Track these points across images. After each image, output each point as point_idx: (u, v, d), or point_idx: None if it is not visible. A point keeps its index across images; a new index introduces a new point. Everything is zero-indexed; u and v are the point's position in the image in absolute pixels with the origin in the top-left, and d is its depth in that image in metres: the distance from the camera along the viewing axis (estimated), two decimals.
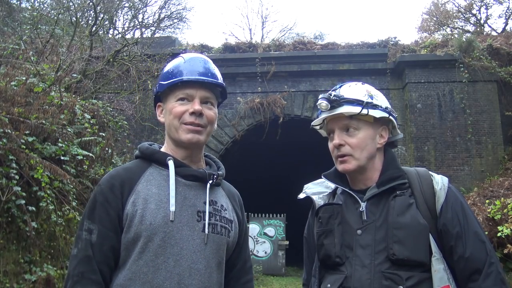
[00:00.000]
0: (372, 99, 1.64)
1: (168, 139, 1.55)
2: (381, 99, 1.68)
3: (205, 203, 1.47)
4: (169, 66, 1.58)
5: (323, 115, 1.67)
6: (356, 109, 1.61)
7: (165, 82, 1.52)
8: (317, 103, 1.68)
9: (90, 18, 13.27)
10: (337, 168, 1.70)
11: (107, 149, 7.54)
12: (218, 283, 1.46)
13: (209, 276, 1.41)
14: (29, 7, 14.20)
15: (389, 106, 1.70)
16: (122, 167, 1.54)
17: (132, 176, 1.46)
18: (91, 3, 11.87)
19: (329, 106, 1.62)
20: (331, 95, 1.64)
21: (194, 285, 1.37)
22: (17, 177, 5.11)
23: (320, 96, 1.67)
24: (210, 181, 1.51)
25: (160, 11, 20.75)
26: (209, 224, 1.44)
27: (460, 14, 19.17)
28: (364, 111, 1.60)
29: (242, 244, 1.64)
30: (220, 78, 1.57)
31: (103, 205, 1.39)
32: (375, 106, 1.64)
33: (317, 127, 1.79)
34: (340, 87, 1.70)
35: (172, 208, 1.39)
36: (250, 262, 1.72)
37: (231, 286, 1.60)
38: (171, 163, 1.46)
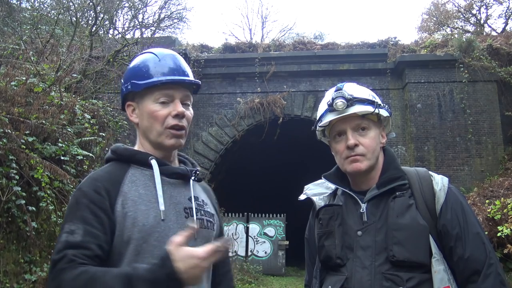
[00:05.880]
0: (375, 98, 1.64)
1: (145, 141, 1.51)
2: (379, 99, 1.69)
3: (189, 199, 1.47)
4: (138, 61, 1.51)
5: (332, 115, 1.60)
6: (369, 109, 1.59)
7: (141, 82, 1.45)
8: (327, 102, 1.61)
9: (90, 18, 13.27)
10: (340, 169, 1.68)
11: (107, 149, 7.53)
12: (207, 277, 1.48)
13: None
14: (29, 7, 14.20)
15: None
16: (101, 169, 1.47)
17: (115, 177, 1.40)
18: (91, 3, 11.87)
19: (346, 105, 1.57)
20: (344, 94, 1.58)
21: None
22: (17, 177, 5.11)
23: (335, 95, 1.59)
24: (193, 177, 1.52)
25: (160, 11, 20.80)
26: (197, 219, 1.44)
27: (460, 14, 19.18)
28: (376, 111, 1.60)
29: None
30: (191, 74, 1.55)
31: (88, 206, 1.31)
32: (381, 106, 1.63)
33: (319, 128, 1.71)
34: (342, 87, 1.64)
35: (162, 207, 1.37)
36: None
37: (212, 276, 1.59)
38: (154, 163, 1.43)
